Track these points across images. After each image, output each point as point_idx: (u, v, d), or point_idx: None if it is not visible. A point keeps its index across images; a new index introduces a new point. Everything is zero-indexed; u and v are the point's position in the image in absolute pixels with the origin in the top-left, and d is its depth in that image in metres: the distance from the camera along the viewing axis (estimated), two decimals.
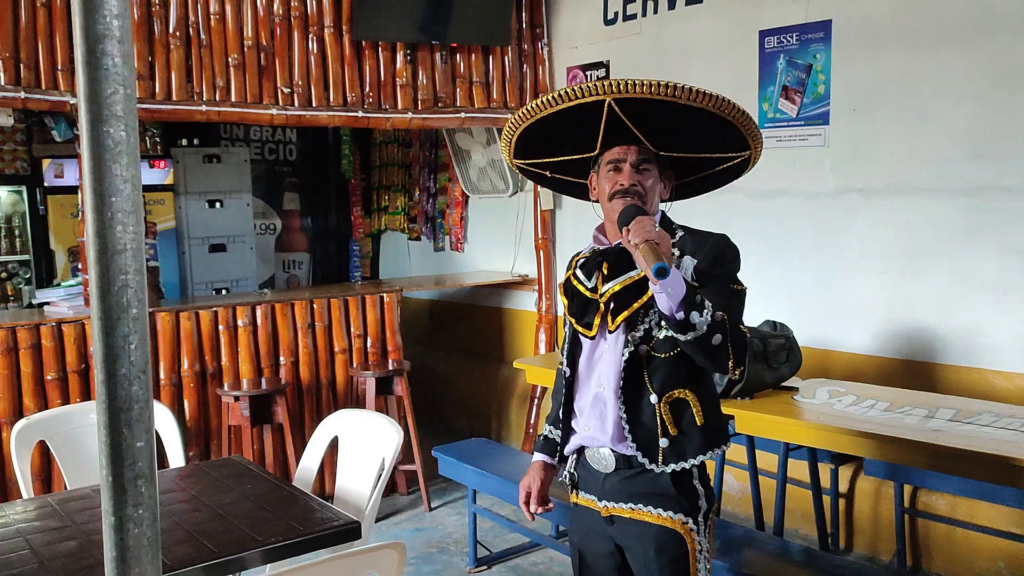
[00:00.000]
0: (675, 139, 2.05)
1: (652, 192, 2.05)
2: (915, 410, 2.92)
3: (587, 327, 2.05)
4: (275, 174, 6.96)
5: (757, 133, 2.06)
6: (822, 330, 4.12)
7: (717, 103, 1.92)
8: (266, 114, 4.50)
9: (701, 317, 1.80)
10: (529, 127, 2.11)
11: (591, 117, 1.98)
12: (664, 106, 1.93)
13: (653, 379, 1.97)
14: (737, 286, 2.00)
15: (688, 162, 2.13)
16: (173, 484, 2.55)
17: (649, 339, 1.97)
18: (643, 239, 1.79)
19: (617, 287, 2.00)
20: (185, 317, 4.31)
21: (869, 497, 3.84)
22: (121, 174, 1.03)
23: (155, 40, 4.21)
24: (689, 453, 1.97)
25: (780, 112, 4.25)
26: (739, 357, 1.89)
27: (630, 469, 2.00)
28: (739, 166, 2.18)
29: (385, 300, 4.89)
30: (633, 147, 2.03)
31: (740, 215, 4.41)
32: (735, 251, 2.05)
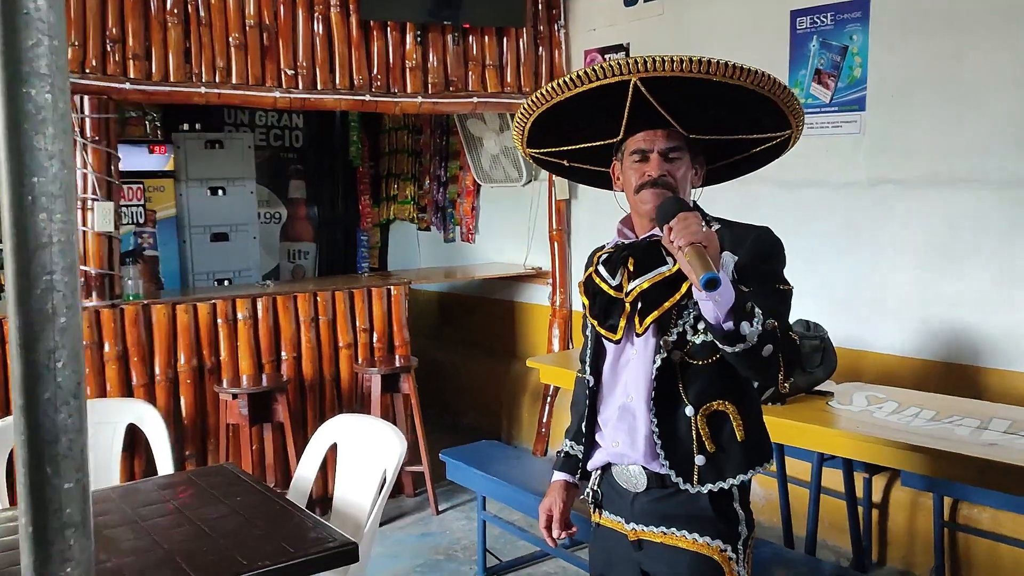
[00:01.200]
0: (707, 120, 1.83)
1: (684, 182, 1.82)
2: (965, 420, 2.69)
3: (611, 330, 1.82)
4: (280, 161, 6.74)
5: (799, 109, 1.84)
6: (854, 329, 3.88)
7: (756, 79, 1.70)
8: (269, 97, 4.29)
9: (752, 327, 1.59)
10: (543, 113, 1.88)
11: (613, 100, 1.76)
12: (695, 84, 1.71)
13: (689, 389, 1.76)
14: (783, 286, 1.79)
15: (721, 144, 1.91)
16: (156, 495, 2.34)
17: (684, 344, 1.76)
18: (689, 241, 1.57)
19: (646, 284, 1.76)
20: (182, 310, 4.10)
21: (905, 508, 3.61)
22: (46, 147, 0.80)
23: (151, 18, 4.00)
24: (728, 472, 1.77)
25: (812, 97, 4.00)
26: (790, 368, 1.71)
27: (663, 489, 1.79)
28: (778, 146, 1.96)
29: (392, 293, 4.67)
30: (661, 132, 1.81)
31: (767, 207, 4.16)
32: (780, 246, 1.84)
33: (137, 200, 5.34)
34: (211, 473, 2.53)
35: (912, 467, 2.60)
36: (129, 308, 3.96)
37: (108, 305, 3.92)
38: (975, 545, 3.38)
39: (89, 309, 3.87)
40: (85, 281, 3.90)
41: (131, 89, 3.95)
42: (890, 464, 2.75)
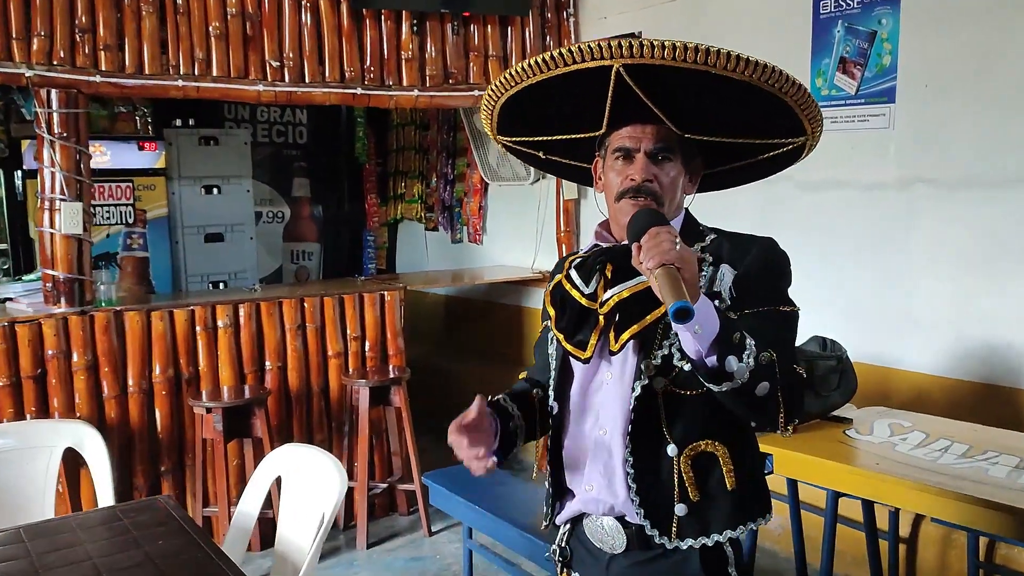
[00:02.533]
0: (706, 117, 1.55)
1: (672, 189, 1.54)
2: (1001, 457, 2.34)
3: (580, 347, 1.53)
4: (283, 158, 6.49)
5: (816, 113, 1.55)
6: (881, 345, 3.52)
7: (765, 74, 1.41)
8: (252, 91, 4.03)
9: (741, 363, 1.33)
10: (519, 96, 1.59)
11: (596, 87, 1.48)
12: (692, 76, 1.42)
13: (673, 425, 1.49)
14: (788, 308, 1.51)
15: (722, 147, 1.61)
16: (69, 538, 2.07)
17: (669, 370, 1.48)
18: (659, 262, 1.30)
19: (625, 294, 1.48)
20: (157, 317, 3.85)
21: (935, 544, 3.25)
22: None
23: (124, 7, 3.75)
24: (713, 526, 1.49)
25: (837, 88, 3.65)
26: (793, 408, 1.42)
27: (647, 551, 1.51)
28: (789, 153, 1.66)
29: (386, 298, 4.39)
30: (650, 128, 1.53)
31: (787, 209, 3.82)
32: (786, 260, 1.56)
33: (126, 199, 5.11)
34: (141, 509, 2.25)
35: (938, 513, 2.26)
36: (100, 315, 3.72)
37: (77, 312, 3.68)
38: None
39: (56, 316, 3.63)
40: (53, 286, 3.68)
41: (102, 82, 3.71)
42: (914, 509, 2.42)
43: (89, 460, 2.61)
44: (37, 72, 3.59)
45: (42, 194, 3.68)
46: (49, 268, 3.68)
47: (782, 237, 1.59)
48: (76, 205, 3.65)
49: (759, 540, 3.82)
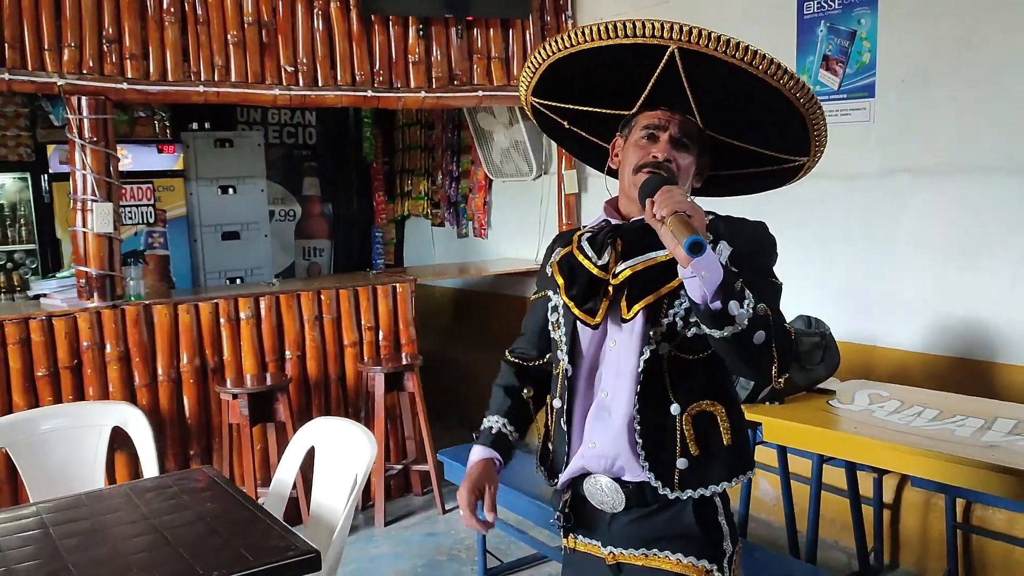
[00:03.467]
0: (726, 119, 1.69)
1: (685, 175, 1.67)
2: (968, 420, 2.57)
3: (590, 313, 1.65)
4: (294, 158, 6.73)
5: (824, 135, 1.69)
6: (866, 325, 3.75)
7: (795, 85, 1.56)
8: (268, 95, 4.26)
9: (742, 308, 1.46)
10: (562, 61, 1.70)
11: (637, 69, 1.61)
12: (726, 74, 1.55)
13: (676, 386, 1.63)
14: (775, 280, 1.66)
15: (728, 153, 1.76)
16: (125, 502, 2.31)
17: (673, 336, 1.62)
18: (672, 210, 1.44)
19: (640, 266, 1.62)
20: (184, 310, 4.09)
21: (917, 509, 3.48)
22: None
23: (148, 17, 3.98)
24: (712, 478, 1.64)
25: (821, 84, 3.87)
26: (784, 362, 1.56)
27: (644, 507, 1.66)
28: (787, 172, 1.82)
29: (398, 290, 4.62)
30: (677, 116, 1.66)
31: (774, 198, 3.95)
32: (774, 242, 1.70)
33: (147, 200, 5.35)
34: (187, 477, 2.49)
35: (910, 470, 2.49)
36: (130, 308, 3.95)
37: (109, 306, 3.91)
38: (989, 548, 3.24)
39: (90, 310, 3.87)
40: (86, 282, 3.91)
41: (128, 89, 3.94)
42: (888, 466, 2.64)
43: (135, 437, 2.84)
44: (68, 81, 3.81)
45: (74, 196, 3.91)
46: (82, 265, 3.91)
47: (773, 223, 1.75)
48: (107, 205, 3.88)
49: (754, 511, 4.06)
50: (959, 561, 3.28)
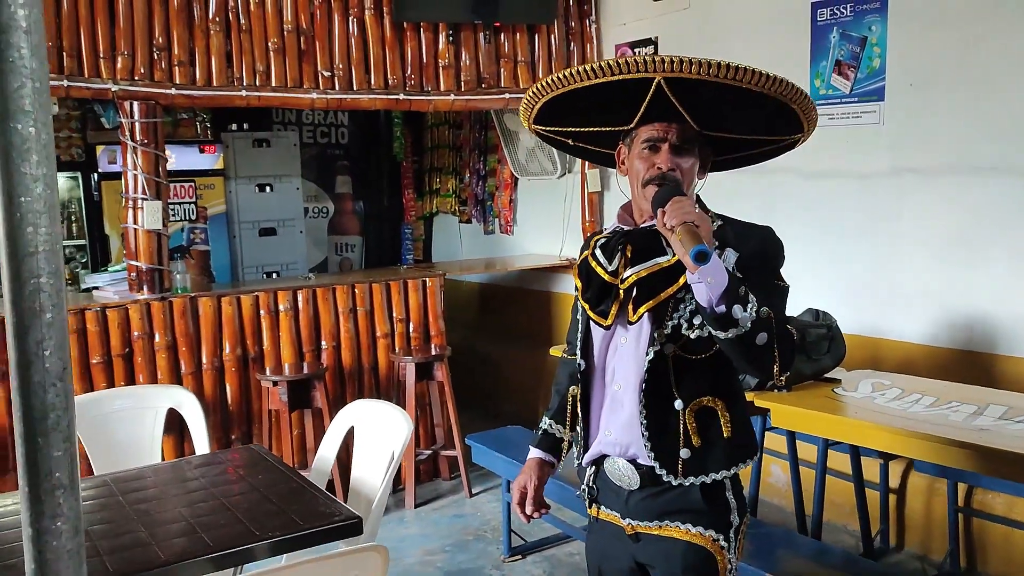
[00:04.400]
0: (722, 118, 1.85)
1: (690, 175, 1.84)
2: (962, 406, 2.74)
3: (603, 315, 1.84)
4: (327, 157, 6.99)
5: (815, 116, 1.86)
6: (873, 318, 3.93)
7: (783, 88, 1.72)
8: (306, 98, 4.49)
9: (745, 312, 1.61)
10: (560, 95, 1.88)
11: (631, 91, 1.77)
12: (714, 89, 1.72)
13: (680, 384, 1.79)
14: (781, 282, 1.81)
15: (731, 140, 1.93)
16: (187, 473, 2.55)
17: (678, 338, 1.78)
18: (680, 220, 1.60)
19: (644, 273, 1.78)
20: (227, 302, 4.34)
21: (921, 494, 3.66)
22: (31, 172, 0.97)
23: (195, 26, 4.23)
24: (711, 467, 1.80)
25: (833, 88, 4.05)
26: (786, 361, 1.70)
27: (656, 486, 1.82)
28: (787, 145, 1.98)
29: (428, 284, 4.85)
30: (675, 125, 1.80)
31: (788, 196, 4.23)
32: (780, 245, 1.86)
33: (189, 198, 5.62)
34: (240, 453, 2.73)
35: (909, 452, 2.67)
36: (177, 301, 4.21)
37: (158, 298, 4.17)
38: (990, 530, 3.41)
39: (140, 302, 4.13)
40: (136, 276, 4.17)
41: (176, 94, 4.19)
42: (887, 449, 2.82)
43: (188, 418, 3.09)
44: (121, 87, 4.07)
45: (126, 194, 4.17)
46: (133, 260, 4.17)
47: (785, 222, 1.95)
48: (156, 203, 4.14)
49: (766, 495, 4.25)
50: (960, 543, 3.45)
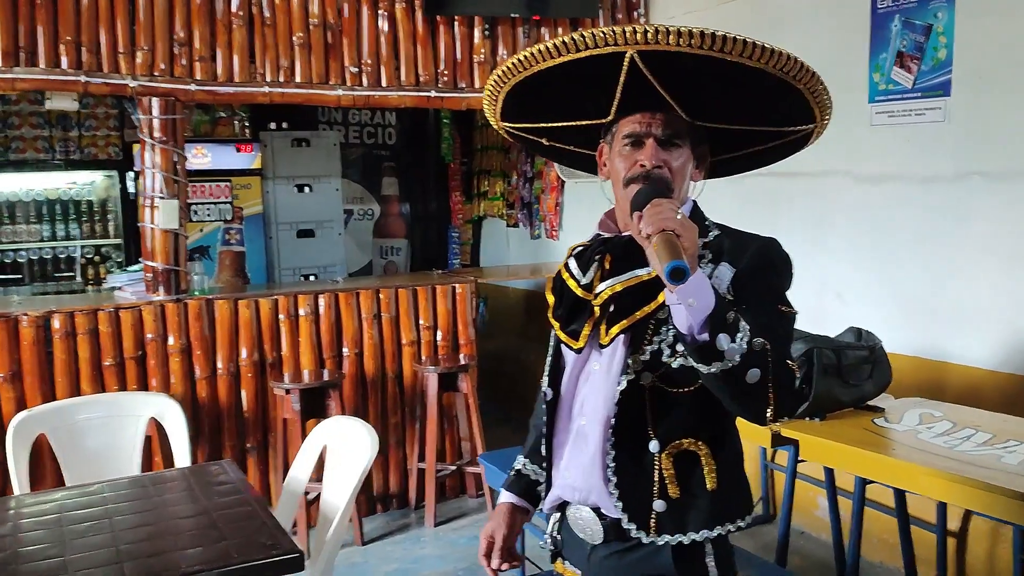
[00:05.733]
0: (716, 104, 1.56)
1: (681, 174, 1.55)
2: (1021, 447, 2.36)
3: (573, 336, 1.56)
4: (373, 158, 6.84)
5: (827, 100, 1.56)
6: (932, 339, 3.52)
7: (779, 61, 1.42)
8: (332, 95, 4.32)
9: (733, 343, 1.32)
10: (523, 82, 1.59)
11: (605, 73, 1.49)
12: (705, 63, 1.43)
13: (658, 421, 1.50)
14: (786, 308, 1.50)
15: (730, 134, 1.64)
16: (145, 491, 2.37)
17: (657, 366, 1.49)
18: (658, 228, 1.31)
19: (618, 287, 1.50)
20: (244, 305, 4.19)
21: (984, 538, 3.24)
22: None
23: (217, 20, 4.10)
24: (691, 524, 1.50)
25: (894, 83, 3.66)
26: (783, 403, 1.40)
27: (623, 542, 1.53)
28: (797, 140, 1.67)
29: (457, 291, 4.62)
30: (660, 115, 1.53)
31: (839, 202, 3.85)
32: (787, 262, 1.55)
33: (225, 197, 5.54)
34: (204, 471, 2.54)
35: (951, 499, 2.31)
36: (193, 303, 4.08)
37: (173, 300, 4.05)
38: None
39: (155, 303, 4.01)
40: (153, 276, 4.06)
41: (196, 90, 4.07)
42: (925, 493, 2.45)
43: (169, 429, 2.93)
44: (140, 83, 3.97)
45: (143, 193, 4.07)
46: (149, 260, 4.06)
47: (834, 232, 1.64)
48: (173, 203, 4.02)
49: (804, 527, 3.88)
50: None
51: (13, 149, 5.53)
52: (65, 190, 5.70)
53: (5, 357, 3.77)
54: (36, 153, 5.60)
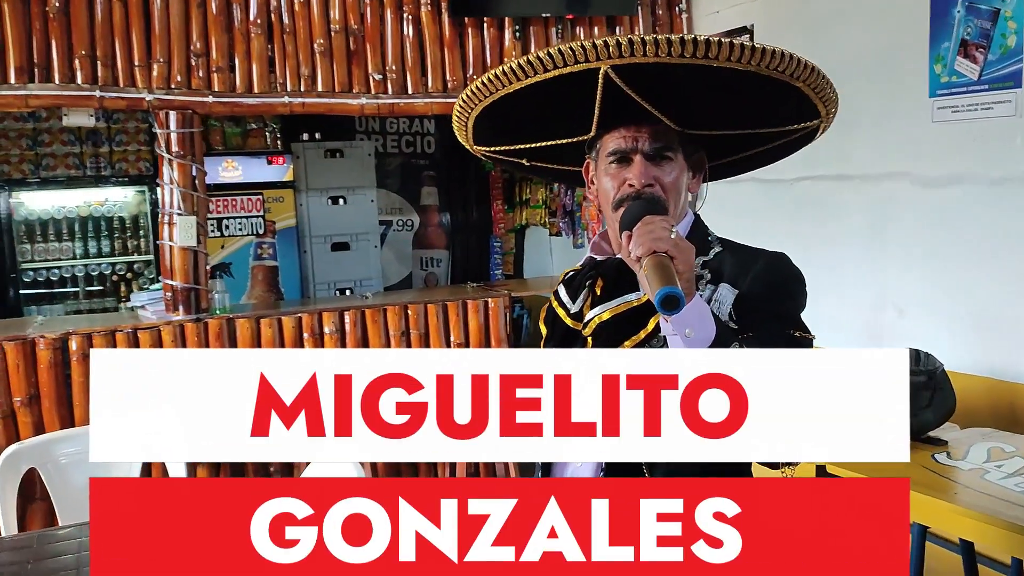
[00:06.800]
0: (708, 111, 1.43)
1: (675, 190, 1.42)
2: None
3: None
4: (412, 168, 6.66)
5: (831, 94, 1.41)
6: (1009, 357, 3.15)
7: (773, 61, 1.29)
8: (355, 104, 4.15)
9: None
10: (496, 105, 1.49)
11: (582, 88, 1.38)
12: (692, 70, 1.31)
13: (655, 464, 1.32)
14: (800, 333, 1.34)
15: (727, 137, 1.50)
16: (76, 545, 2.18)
17: None
18: (648, 249, 1.20)
19: (606, 315, 1.40)
20: (266, 324, 4.04)
21: None
22: None
23: (235, 30, 3.97)
24: None
25: (957, 75, 3.31)
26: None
27: None
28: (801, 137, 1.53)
29: (490, 305, 4.40)
30: (646, 128, 1.41)
31: (902, 207, 3.51)
32: (798, 280, 1.41)
33: (256, 211, 5.42)
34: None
35: (1019, 553, 1.99)
36: (213, 322, 3.94)
37: (193, 319, 3.92)
38: None
39: (174, 323, 3.88)
40: (172, 295, 3.93)
41: (214, 102, 3.93)
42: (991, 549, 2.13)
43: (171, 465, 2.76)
44: (156, 96, 3.85)
45: (162, 209, 3.95)
46: (168, 278, 3.94)
47: (895, 242, 1.48)
48: (190, 219, 3.89)
49: None
50: None
51: (44, 167, 5.52)
52: (96, 207, 5.66)
53: (22, 381, 3.67)
54: (67, 170, 5.58)
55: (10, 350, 3.64)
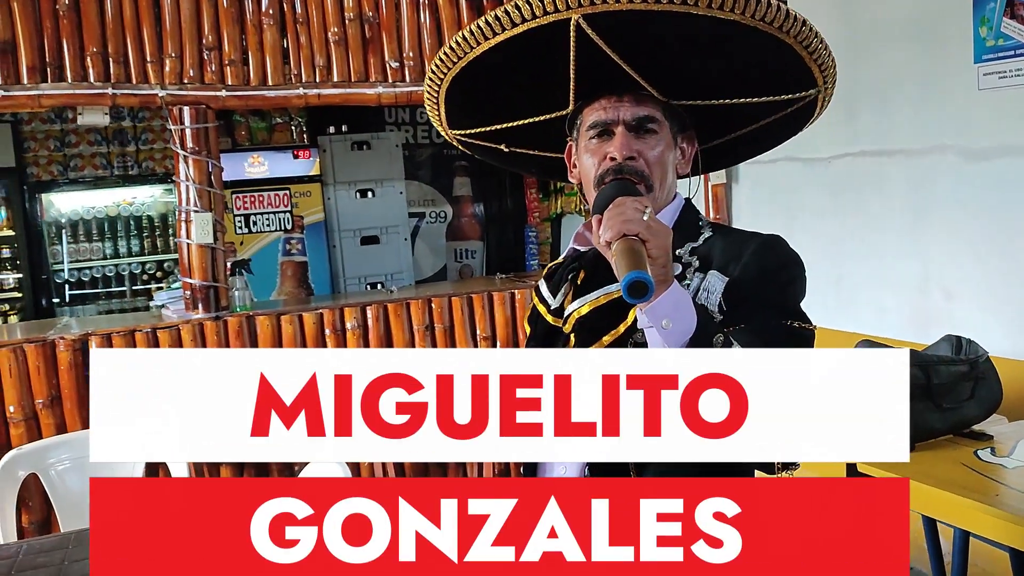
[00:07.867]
0: (694, 76, 1.30)
1: (660, 165, 1.31)
2: None
3: None
4: (443, 158, 6.54)
5: (827, 57, 1.28)
6: None
7: (759, 10, 1.17)
8: (372, 94, 4.05)
9: None
10: (469, 78, 1.39)
11: (555, 53, 1.26)
12: (671, 25, 1.19)
13: (643, 469, 1.23)
14: (798, 324, 1.22)
15: (717, 114, 1.36)
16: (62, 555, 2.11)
17: None
18: (618, 232, 1.09)
19: (585, 309, 1.31)
20: (287, 321, 3.97)
21: None
22: None
23: (247, 22, 3.89)
24: None
25: (1004, 37, 3.07)
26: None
27: None
28: (800, 114, 1.39)
29: (516, 297, 4.27)
30: (627, 97, 1.30)
31: (947, 182, 3.28)
32: (794, 263, 1.28)
33: (284, 206, 5.36)
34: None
35: None
36: (232, 320, 3.88)
37: (212, 318, 3.86)
38: None
39: (193, 322, 3.83)
40: (191, 294, 3.88)
41: (228, 96, 3.86)
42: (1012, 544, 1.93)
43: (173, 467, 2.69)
44: (169, 92, 3.79)
45: (179, 206, 3.89)
46: (187, 277, 3.89)
47: (940, 220, 1.31)
48: (206, 216, 3.83)
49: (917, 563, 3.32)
50: None
51: (72, 167, 5.54)
52: (125, 206, 5.67)
53: (43, 383, 3.65)
54: (94, 170, 5.60)
55: (31, 352, 3.62)
